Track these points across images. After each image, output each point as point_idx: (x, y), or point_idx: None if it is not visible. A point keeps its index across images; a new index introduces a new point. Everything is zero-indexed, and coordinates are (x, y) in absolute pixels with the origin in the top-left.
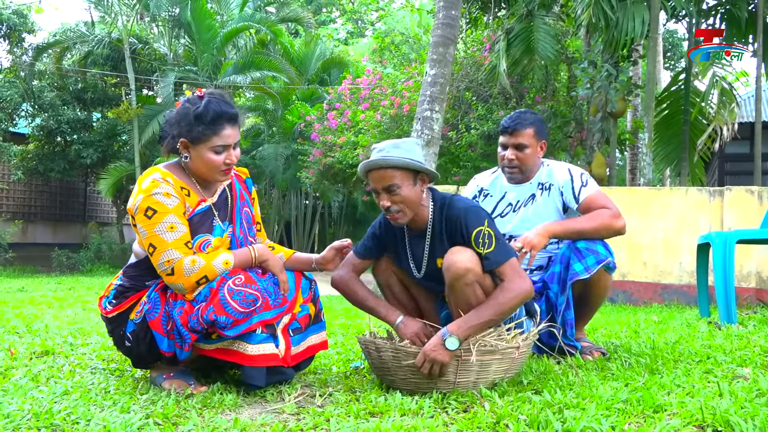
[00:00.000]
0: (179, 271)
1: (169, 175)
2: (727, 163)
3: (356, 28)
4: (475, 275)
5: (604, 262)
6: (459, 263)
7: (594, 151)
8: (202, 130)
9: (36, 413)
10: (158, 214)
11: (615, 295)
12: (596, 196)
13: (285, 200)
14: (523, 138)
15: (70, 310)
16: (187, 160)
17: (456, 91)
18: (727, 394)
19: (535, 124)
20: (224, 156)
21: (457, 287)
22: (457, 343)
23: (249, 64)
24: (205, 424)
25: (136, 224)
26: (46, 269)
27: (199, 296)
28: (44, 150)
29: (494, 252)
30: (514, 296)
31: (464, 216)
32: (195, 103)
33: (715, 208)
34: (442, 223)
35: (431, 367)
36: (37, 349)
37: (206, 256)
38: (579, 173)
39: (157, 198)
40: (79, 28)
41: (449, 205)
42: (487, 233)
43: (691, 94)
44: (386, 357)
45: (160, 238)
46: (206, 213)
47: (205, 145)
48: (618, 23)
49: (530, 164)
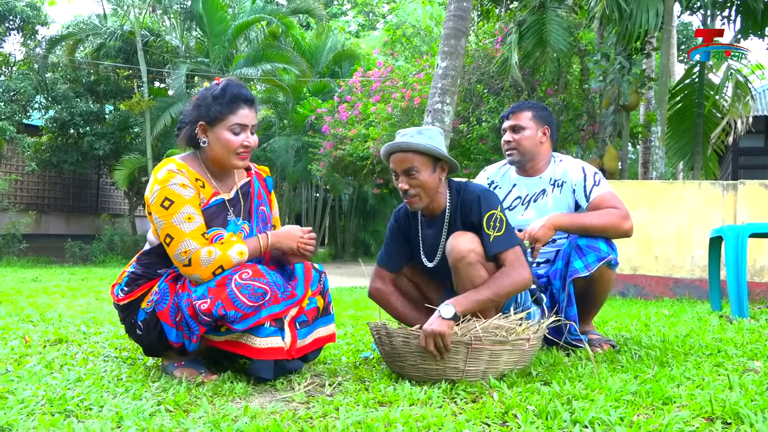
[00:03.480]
0: (196, 262)
1: (184, 167)
2: (741, 157)
3: (367, 21)
4: (478, 255)
5: (605, 260)
6: (461, 244)
7: (606, 145)
8: (220, 109)
9: (50, 399)
10: (175, 205)
11: (626, 289)
12: (607, 196)
13: (295, 193)
14: (519, 120)
15: (83, 299)
16: (206, 145)
17: (467, 83)
18: (737, 387)
19: (533, 108)
20: (242, 138)
21: (460, 267)
22: (452, 310)
23: (260, 57)
24: (215, 411)
25: (151, 214)
26: (60, 260)
27: (200, 287)
28: (57, 142)
29: (502, 237)
30: (512, 282)
31: (478, 199)
32: (212, 88)
33: (729, 202)
34: (458, 207)
35: (434, 343)
36: (51, 337)
37: (222, 247)
38: (593, 172)
39: (174, 189)
40: (91, 21)
41: (465, 189)
42: (499, 218)
43: (705, 86)
44: (396, 342)
45: (177, 229)
46: (220, 206)
47: (223, 124)
48: (632, 15)
49: (529, 147)
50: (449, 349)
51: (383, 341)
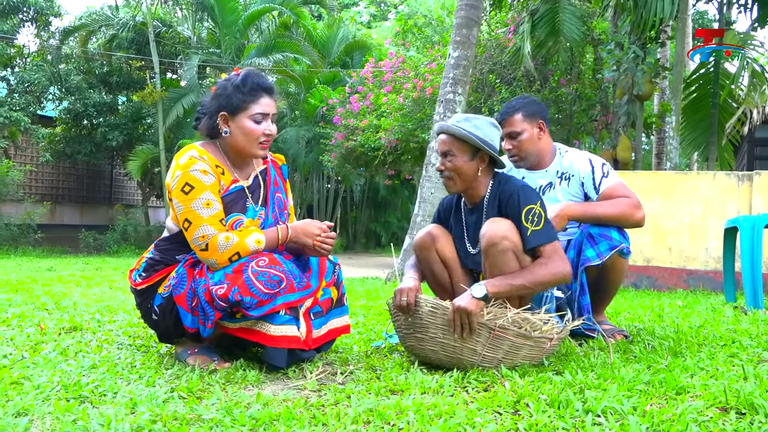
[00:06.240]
0: (213, 247)
1: (205, 153)
2: (757, 148)
3: (379, 11)
4: (511, 243)
5: (617, 248)
6: (495, 230)
7: (619, 135)
8: (242, 98)
9: (65, 385)
10: (195, 190)
11: (639, 280)
12: (617, 187)
13: (307, 184)
14: (512, 125)
15: (97, 288)
16: (227, 135)
17: (479, 73)
18: (751, 378)
19: (522, 108)
20: (263, 126)
21: (492, 253)
22: (484, 290)
23: (271, 47)
24: (228, 398)
25: (172, 199)
26: (74, 250)
27: (217, 272)
28: (71, 133)
29: (541, 231)
30: (550, 273)
31: (518, 193)
32: (232, 78)
33: (744, 193)
34: (497, 198)
35: (461, 319)
36: (66, 325)
37: (239, 234)
38: (600, 163)
39: (195, 174)
40: (104, 12)
41: (506, 182)
42: (538, 212)
43: (720, 76)
44: (424, 311)
45: (196, 214)
46: (239, 193)
47: (245, 113)
48: (646, 3)
49: (529, 149)
50: (474, 329)
51: (401, 317)
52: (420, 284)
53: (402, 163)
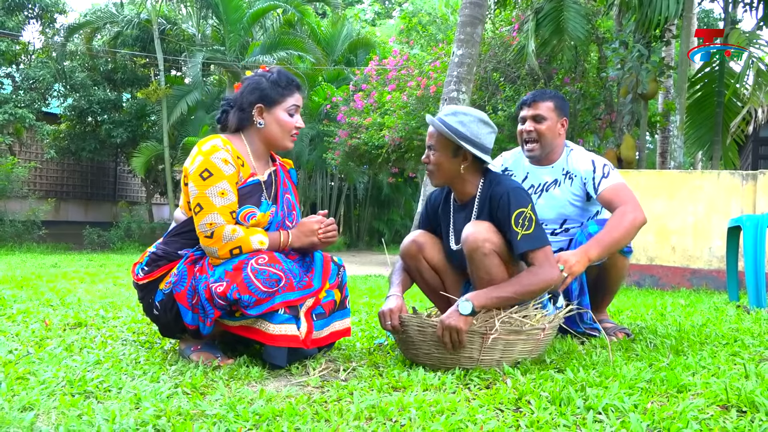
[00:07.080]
0: (218, 236)
1: (228, 143)
2: (761, 147)
3: (383, 9)
4: (493, 244)
5: None
6: (476, 233)
7: (623, 134)
8: (280, 92)
9: (70, 380)
10: (213, 178)
11: (642, 279)
12: (616, 188)
13: (310, 181)
14: (541, 109)
15: (101, 285)
16: (261, 127)
17: (483, 71)
18: (753, 376)
19: (555, 99)
20: (295, 119)
21: (476, 258)
22: (470, 306)
23: (276, 45)
24: (231, 394)
25: (187, 183)
26: (78, 246)
27: (218, 269)
28: (76, 130)
29: (531, 235)
30: (540, 281)
31: (508, 195)
32: (265, 74)
33: (748, 192)
34: (487, 200)
35: (450, 336)
36: (71, 320)
37: (246, 230)
38: (602, 164)
39: (216, 162)
40: (108, 9)
41: (497, 182)
42: (528, 216)
43: (725, 75)
44: (411, 332)
45: (209, 201)
46: (256, 186)
47: (281, 105)
48: (651, 2)
49: (549, 139)
50: (464, 344)
51: (396, 330)
52: (402, 302)
53: (405, 161)
